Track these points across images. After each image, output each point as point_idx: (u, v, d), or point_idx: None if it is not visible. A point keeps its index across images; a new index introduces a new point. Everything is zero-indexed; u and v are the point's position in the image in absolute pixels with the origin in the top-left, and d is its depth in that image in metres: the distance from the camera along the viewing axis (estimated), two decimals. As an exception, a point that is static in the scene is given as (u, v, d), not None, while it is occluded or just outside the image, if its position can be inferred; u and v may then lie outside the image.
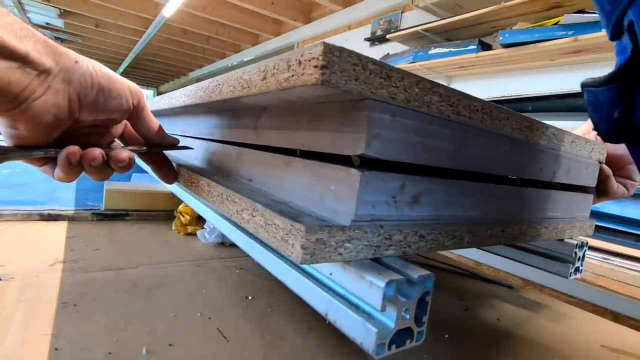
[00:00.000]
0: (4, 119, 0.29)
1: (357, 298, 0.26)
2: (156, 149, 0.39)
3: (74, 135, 0.33)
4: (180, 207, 0.66)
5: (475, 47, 1.96)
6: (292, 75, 0.23)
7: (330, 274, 0.28)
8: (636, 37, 0.20)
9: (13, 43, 0.25)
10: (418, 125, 0.26)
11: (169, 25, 4.36)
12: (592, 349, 0.41)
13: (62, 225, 0.59)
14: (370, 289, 0.24)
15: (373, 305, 0.24)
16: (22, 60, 0.26)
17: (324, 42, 0.21)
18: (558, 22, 1.62)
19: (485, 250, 0.74)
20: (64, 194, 0.79)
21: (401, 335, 0.25)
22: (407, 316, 0.24)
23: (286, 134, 0.32)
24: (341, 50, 0.21)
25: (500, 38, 1.80)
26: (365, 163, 0.26)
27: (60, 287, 0.39)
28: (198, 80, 7.10)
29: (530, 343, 0.41)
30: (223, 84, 0.34)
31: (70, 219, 0.63)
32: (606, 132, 0.26)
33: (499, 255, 0.59)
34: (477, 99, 0.29)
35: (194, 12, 3.85)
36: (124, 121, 0.37)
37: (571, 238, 0.50)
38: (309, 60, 0.21)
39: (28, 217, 0.60)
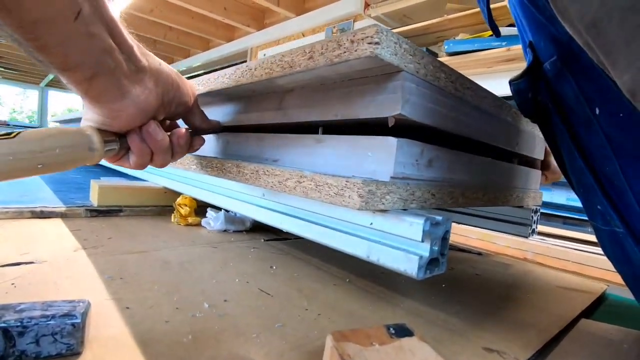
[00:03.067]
0: (105, 114, 0.31)
1: (393, 240, 0.32)
2: (204, 133, 0.43)
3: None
4: (179, 200, 0.67)
5: (423, 54, 2.14)
6: (344, 52, 0.29)
7: (371, 223, 0.34)
8: (535, 51, 0.35)
9: (126, 36, 0.29)
10: (432, 95, 0.34)
11: (111, 28, 4.13)
12: (551, 288, 0.51)
13: (58, 222, 0.59)
14: (410, 226, 0.30)
15: (414, 239, 0.30)
16: (128, 53, 0.29)
17: (376, 24, 0.27)
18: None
19: (455, 223, 0.85)
20: (44, 194, 0.77)
21: (430, 265, 0.31)
22: (436, 248, 0.31)
23: (317, 109, 0.37)
24: (387, 30, 0.28)
25: (446, 47, 1.99)
26: (394, 133, 0.32)
27: (95, 266, 0.40)
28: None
29: (505, 286, 0.50)
30: (256, 67, 0.39)
31: (63, 215, 0.62)
32: (525, 111, 0.39)
33: (468, 225, 0.69)
34: (469, 79, 0.38)
35: (140, 15, 3.70)
36: None
37: (527, 206, 0.61)
38: (363, 39, 0.27)
39: (20, 214, 0.58)
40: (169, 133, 0.37)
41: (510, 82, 0.39)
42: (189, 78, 0.55)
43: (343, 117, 0.35)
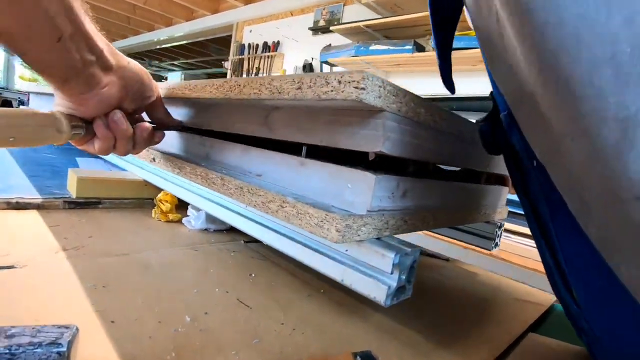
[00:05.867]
0: (72, 101, 0.35)
1: (366, 267, 0.35)
2: (166, 129, 0.48)
3: None
4: (160, 196, 0.68)
5: (411, 47, 2.15)
6: (332, 90, 0.30)
7: (346, 250, 0.36)
8: (494, 101, 0.39)
9: (96, 39, 0.33)
10: (412, 130, 0.36)
11: (87, -12, 3.88)
12: (508, 300, 0.56)
13: (34, 215, 0.58)
14: (382, 258, 0.33)
15: (385, 270, 0.33)
16: (98, 55, 0.33)
17: (363, 71, 0.29)
18: (480, 33, 1.88)
19: (426, 234, 0.90)
20: (18, 180, 0.75)
21: (397, 292, 0.34)
22: (403, 277, 0.34)
23: (303, 132, 0.39)
24: (372, 76, 0.29)
25: (432, 41, 2.00)
26: (372, 165, 0.34)
27: (77, 272, 0.41)
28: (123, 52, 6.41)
29: (468, 298, 0.55)
30: (244, 85, 0.39)
31: (40, 207, 0.61)
32: (489, 150, 0.43)
33: (439, 235, 0.74)
34: (446, 111, 0.40)
35: (119, -23, 3.49)
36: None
37: (493, 221, 0.65)
38: (349, 82, 0.29)
39: (-7, 205, 0.58)
40: (134, 125, 0.42)
41: (476, 123, 0.43)
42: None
43: (328, 144, 0.36)
